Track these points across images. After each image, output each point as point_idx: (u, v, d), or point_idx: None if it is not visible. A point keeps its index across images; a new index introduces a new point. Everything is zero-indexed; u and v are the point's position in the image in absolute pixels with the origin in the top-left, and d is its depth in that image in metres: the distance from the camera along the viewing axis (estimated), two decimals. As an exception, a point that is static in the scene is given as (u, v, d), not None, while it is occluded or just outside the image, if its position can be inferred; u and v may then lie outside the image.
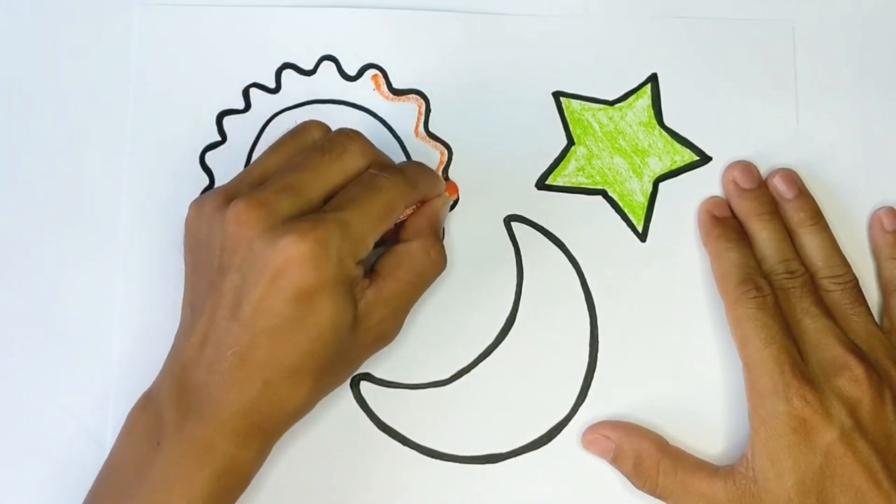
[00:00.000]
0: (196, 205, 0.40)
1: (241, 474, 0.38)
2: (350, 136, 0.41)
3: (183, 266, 0.41)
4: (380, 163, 0.41)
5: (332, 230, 0.37)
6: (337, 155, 0.40)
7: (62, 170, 0.46)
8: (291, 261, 0.36)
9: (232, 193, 0.39)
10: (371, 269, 0.41)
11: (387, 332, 0.41)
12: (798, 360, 0.41)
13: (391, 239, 0.42)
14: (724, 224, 0.44)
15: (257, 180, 0.40)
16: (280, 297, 0.37)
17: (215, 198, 0.39)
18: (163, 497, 0.37)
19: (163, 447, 0.37)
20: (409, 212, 0.42)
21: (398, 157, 0.46)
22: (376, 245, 0.40)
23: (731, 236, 0.44)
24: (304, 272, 0.36)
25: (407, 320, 0.42)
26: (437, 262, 0.42)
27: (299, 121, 0.45)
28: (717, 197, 0.45)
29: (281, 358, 0.37)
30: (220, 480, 0.37)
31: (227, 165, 0.45)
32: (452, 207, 0.45)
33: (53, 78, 0.46)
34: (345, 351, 0.39)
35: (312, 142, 0.42)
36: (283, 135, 0.42)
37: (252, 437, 0.38)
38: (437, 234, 0.42)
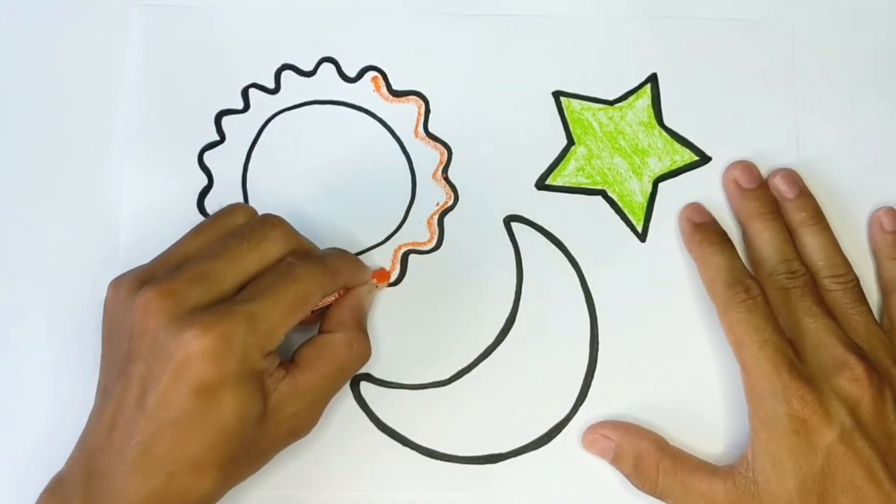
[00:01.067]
0: (113, 286, 0.40)
1: None
2: (272, 222, 0.40)
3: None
4: (301, 250, 0.40)
5: (238, 323, 0.36)
6: (256, 242, 0.39)
7: (61, 169, 0.46)
8: (193, 355, 0.36)
9: (146, 278, 0.38)
10: (290, 359, 0.40)
11: (300, 426, 0.40)
12: (795, 361, 0.41)
13: (314, 324, 0.42)
14: (705, 229, 0.44)
15: (174, 265, 0.39)
16: (182, 391, 0.36)
17: (130, 281, 0.39)
18: None
19: None
20: (331, 299, 0.42)
21: (398, 157, 0.46)
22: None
23: (714, 240, 0.44)
24: (205, 367, 0.36)
25: (407, 320, 0.42)
26: (361, 355, 0.41)
27: (299, 121, 0.46)
28: (695, 203, 0.45)
29: (184, 450, 0.37)
30: None
31: (226, 165, 0.45)
32: (451, 209, 0.45)
33: (53, 78, 0.46)
34: (253, 443, 0.38)
35: (234, 227, 0.41)
36: (207, 217, 0.41)
37: None
38: (360, 326, 0.42)
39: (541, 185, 0.45)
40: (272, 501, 0.43)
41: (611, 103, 0.46)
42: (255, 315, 0.37)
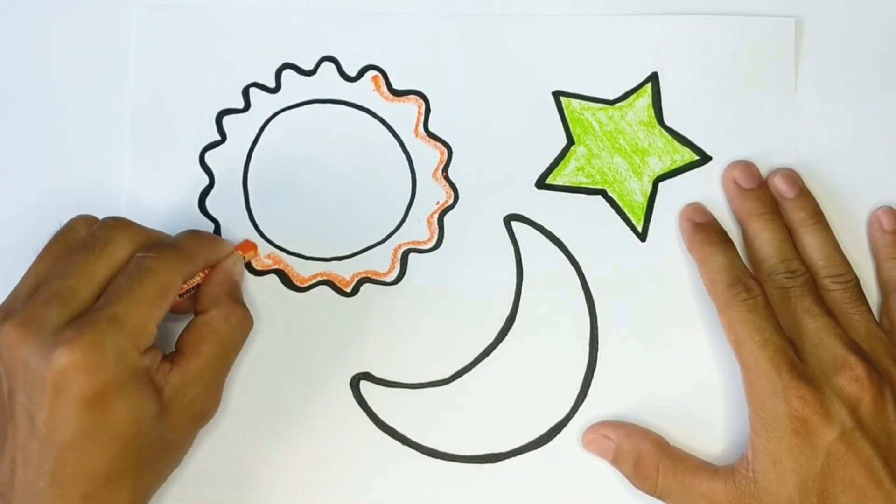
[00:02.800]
0: None
1: None
2: (114, 225, 0.40)
3: None
4: (150, 242, 0.40)
5: (103, 329, 0.36)
6: (101, 249, 0.39)
7: (62, 169, 0.46)
8: (66, 372, 0.35)
9: (6, 313, 0.38)
10: (174, 349, 0.40)
11: (204, 410, 0.40)
12: (795, 360, 0.41)
13: (191, 311, 0.41)
14: (706, 229, 0.44)
15: (28, 295, 0.39)
16: (69, 410, 0.36)
17: None
18: None
19: None
20: (197, 280, 0.41)
21: (398, 156, 0.46)
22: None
23: (715, 240, 0.44)
24: (82, 380, 0.36)
25: (407, 319, 0.42)
26: (241, 326, 0.41)
27: (299, 120, 0.46)
28: (696, 203, 0.45)
29: (92, 467, 0.36)
30: None
31: (227, 165, 0.45)
32: (451, 208, 0.45)
33: (53, 77, 0.46)
34: (159, 441, 0.38)
35: (77, 239, 0.40)
36: (51, 238, 0.41)
37: None
38: (233, 298, 0.41)
39: (541, 184, 0.45)
40: (271, 501, 0.43)
41: (611, 103, 0.46)
42: (118, 316, 0.37)
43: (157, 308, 0.38)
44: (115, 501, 0.37)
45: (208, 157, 0.46)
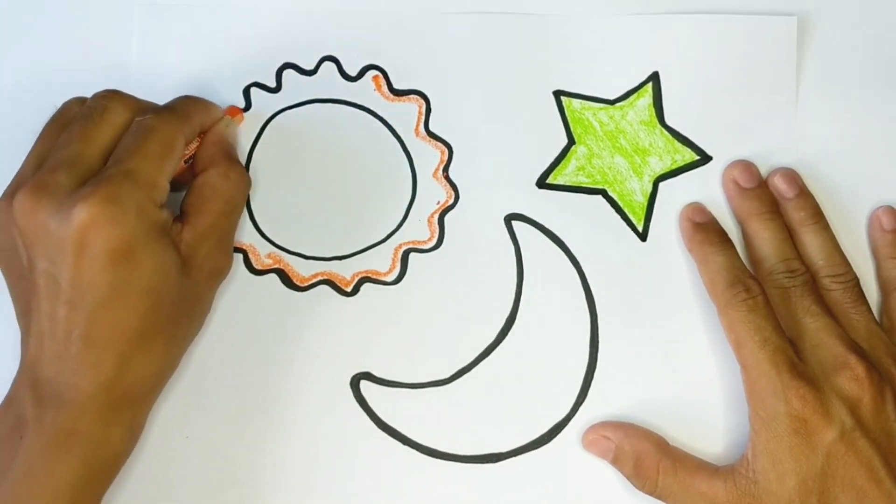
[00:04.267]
0: None
1: (110, 453, 0.38)
2: (107, 95, 0.41)
3: None
4: (146, 108, 0.41)
5: (119, 183, 0.37)
6: (99, 116, 0.39)
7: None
8: (89, 227, 0.36)
9: (13, 191, 0.39)
10: (180, 212, 0.40)
11: (219, 265, 0.41)
12: (795, 360, 0.41)
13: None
14: (706, 229, 0.44)
15: (34, 170, 0.39)
16: (95, 268, 0.36)
17: (2, 202, 0.39)
18: (25, 489, 0.36)
19: (25, 441, 0.36)
20: (194, 146, 0.42)
21: (399, 156, 0.46)
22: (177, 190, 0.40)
23: (715, 240, 0.44)
24: (106, 233, 0.36)
25: (407, 319, 0.42)
26: (238, 183, 0.42)
27: (300, 120, 0.46)
28: (696, 203, 0.45)
29: (124, 326, 0.37)
30: (88, 463, 0.37)
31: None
32: (451, 208, 0.45)
33: (54, 77, 0.46)
34: (184, 295, 0.39)
35: (74, 114, 0.41)
36: (45, 124, 0.42)
37: (118, 411, 0.37)
38: (229, 157, 0.42)
39: (541, 184, 0.45)
40: (271, 500, 0.43)
41: (611, 102, 0.46)
42: (131, 171, 0.37)
43: (167, 164, 0.39)
44: (149, 360, 0.38)
45: (209, 156, 0.46)
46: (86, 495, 0.37)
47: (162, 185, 0.39)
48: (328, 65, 0.46)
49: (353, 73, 0.46)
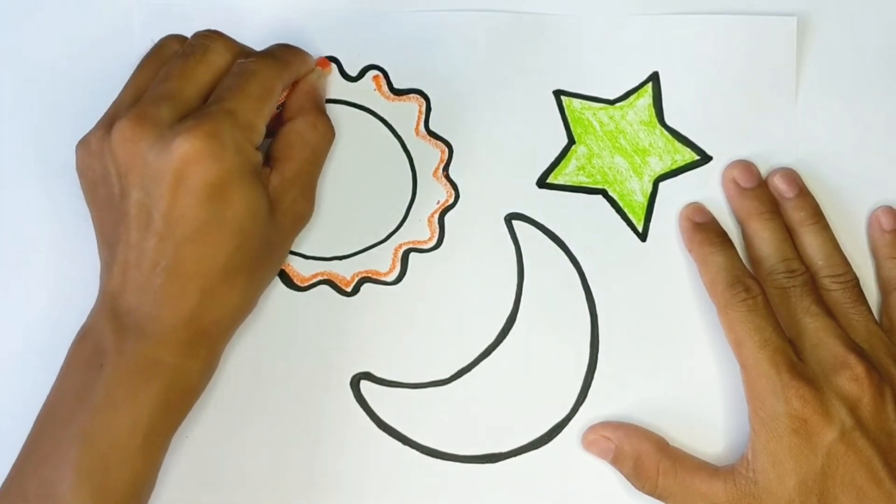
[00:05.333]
0: (81, 143, 0.40)
1: (188, 386, 0.38)
2: (209, 35, 0.41)
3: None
4: (246, 51, 0.41)
5: (221, 120, 0.37)
6: (201, 55, 0.40)
7: (63, 169, 0.45)
8: (189, 160, 0.36)
9: (111, 120, 0.39)
10: (266, 157, 0.41)
11: (302, 212, 0.42)
12: (795, 360, 0.41)
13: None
14: (706, 229, 0.44)
15: (131, 102, 0.40)
16: (190, 201, 0.36)
17: (96, 130, 0.39)
18: (108, 417, 0.36)
19: (105, 370, 0.37)
20: (284, 94, 0.43)
21: (399, 156, 0.46)
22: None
23: (714, 240, 0.44)
24: (205, 168, 0.36)
25: (407, 319, 0.42)
26: (325, 134, 0.42)
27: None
28: (696, 203, 0.45)
29: (210, 261, 0.37)
30: (167, 394, 0.37)
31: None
32: (452, 207, 0.45)
33: (55, 77, 0.46)
34: (268, 238, 0.39)
35: (174, 52, 0.41)
36: (143, 57, 0.42)
37: (197, 345, 0.38)
38: (318, 107, 0.42)
39: (542, 183, 0.45)
40: (271, 501, 0.43)
41: (611, 102, 0.46)
42: (232, 110, 0.38)
43: (265, 107, 0.40)
44: (229, 298, 0.38)
45: (208, 156, 0.45)
46: (162, 427, 0.38)
47: (259, 128, 0.39)
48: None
49: (353, 73, 0.46)
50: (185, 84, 0.39)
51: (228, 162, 0.37)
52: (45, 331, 0.44)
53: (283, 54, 0.42)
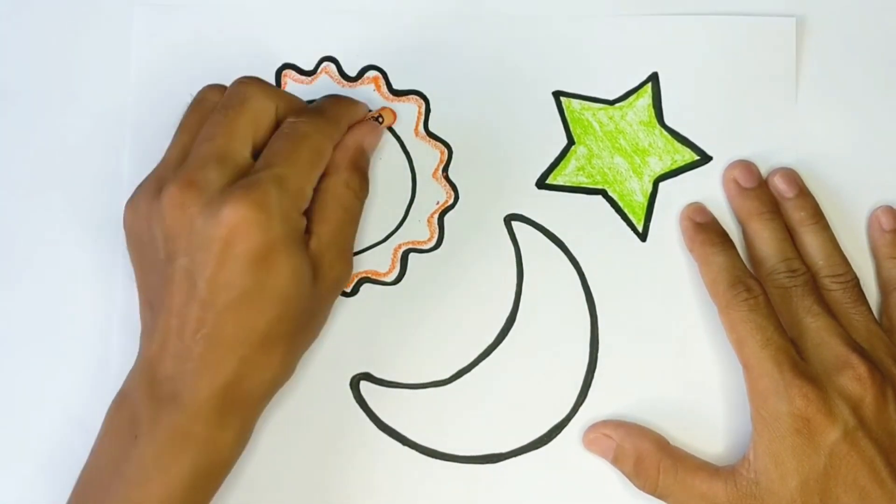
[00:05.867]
0: (130, 205, 0.40)
1: (221, 457, 0.38)
2: (246, 82, 0.41)
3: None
4: (290, 104, 0.41)
5: (269, 188, 0.37)
6: (240, 106, 0.39)
7: (62, 169, 0.46)
8: (236, 228, 0.36)
9: (159, 183, 0.39)
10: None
11: (340, 276, 0.41)
12: (797, 359, 0.41)
13: None
14: (707, 229, 0.44)
15: (178, 161, 0.39)
16: (235, 269, 0.36)
17: (145, 192, 0.39)
18: (141, 492, 0.36)
19: (139, 441, 0.37)
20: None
21: (398, 156, 0.46)
22: None
23: (716, 240, 0.44)
24: (251, 237, 0.36)
25: (407, 319, 0.42)
26: (358, 193, 0.41)
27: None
28: (697, 203, 0.45)
29: (251, 330, 0.37)
30: (201, 466, 0.37)
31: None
32: (451, 208, 0.45)
33: (53, 77, 0.46)
34: (309, 306, 0.39)
35: (214, 103, 0.41)
36: (185, 112, 0.42)
37: (232, 415, 0.38)
38: (355, 165, 0.41)
39: (541, 184, 0.45)
40: (271, 501, 0.43)
41: (611, 103, 0.46)
42: (281, 177, 0.37)
43: (314, 172, 0.39)
44: (267, 367, 0.38)
45: (208, 156, 0.45)
46: (196, 499, 0.37)
47: (307, 193, 0.39)
48: (327, 65, 0.46)
49: (352, 73, 0.46)
50: (228, 141, 0.38)
51: (275, 231, 0.37)
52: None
53: (334, 111, 0.41)
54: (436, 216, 0.45)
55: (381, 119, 0.44)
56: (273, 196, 0.37)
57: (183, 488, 0.36)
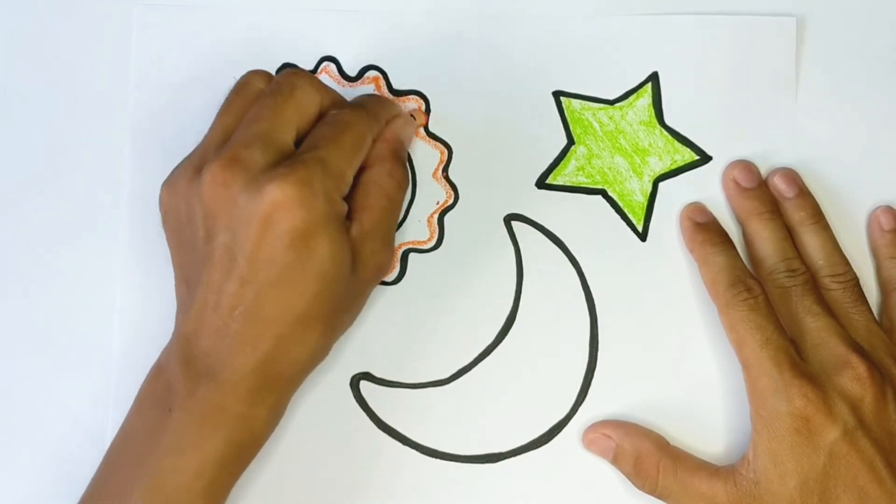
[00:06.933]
0: (167, 184, 0.40)
1: (255, 434, 0.38)
2: (295, 73, 0.41)
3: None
4: (334, 99, 0.42)
5: (313, 169, 0.37)
6: (289, 93, 0.40)
7: (62, 170, 0.46)
8: (280, 206, 0.36)
9: (200, 162, 0.39)
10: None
11: (383, 262, 0.41)
12: (797, 359, 0.41)
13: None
14: (707, 229, 0.44)
15: (220, 143, 0.40)
16: (276, 246, 0.36)
17: (184, 171, 0.39)
18: (174, 461, 0.37)
19: (174, 413, 0.37)
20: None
21: (398, 156, 0.46)
22: None
23: (716, 240, 0.44)
24: (294, 215, 0.36)
25: (407, 319, 0.42)
26: (401, 182, 0.42)
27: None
28: (697, 202, 0.45)
29: (290, 308, 0.37)
30: (234, 441, 0.37)
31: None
32: (451, 208, 0.45)
33: (53, 77, 0.46)
34: (348, 288, 0.39)
35: (259, 91, 0.41)
36: (228, 94, 0.42)
37: (266, 393, 0.38)
38: (396, 156, 0.42)
39: (541, 184, 0.45)
40: (271, 501, 0.43)
41: (611, 103, 0.46)
42: (325, 159, 0.38)
43: (355, 159, 0.40)
44: (304, 346, 0.38)
45: (208, 156, 0.45)
46: (227, 473, 0.38)
47: (348, 178, 0.39)
48: (327, 65, 0.46)
49: (352, 73, 0.46)
50: (275, 125, 0.39)
51: (318, 210, 0.37)
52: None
53: (373, 106, 0.42)
54: (436, 216, 0.45)
55: (413, 117, 0.45)
56: (317, 176, 0.37)
57: (215, 462, 0.37)
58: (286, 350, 0.38)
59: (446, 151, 0.46)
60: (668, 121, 0.46)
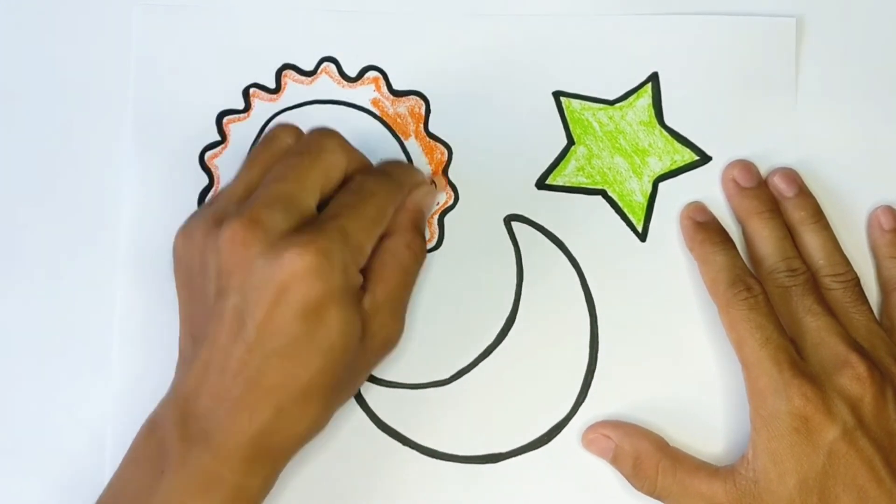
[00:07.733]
0: (184, 232, 0.39)
1: (246, 503, 0.37)
2: (325, 133, 0.41)
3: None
4: (361, 163, 0.41)
5: (334, 239, 0.36)
6: (316, 155, 0.39)
7: (62, 170, 0.46)
8: (296, 276, 0.35)
9: (220, 215, 0.38)
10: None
11: (391, 336, 0.41)
12: (796, 358, 0.41)
13: None
14: (707, 228, 0.44)
15: (242, 196, 0.39)
16: (287, 315, 0.36)
17: (203, 222, 0.38)
18: None
19: (166, 476, 0.36)
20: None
21: (399, 157, 0.45)
22: None
23: (716, 239, 0.44)
24: (310, 286, 0.35)
25: (407, 319, 0.42)
26: (418, 255, 0.41)
27: (300, 121, 0.45)
28: (697, 202, 0.45)
29: (293, 379, 0.36)
30: None
31: (227, 165, 0.45)
32: (452, 208, 0.45)
33: (53, 77, 0.46)
34: (353, 362, 0.38)
35: (287, 147, 0.41)
36: (255, 146, 0.41)
37: (260, 464, 0.37)
38: (415, 227, 0.42)
39: (541, 184, 0.45)
40: (271, 501, 0.43)
41: (611, 103, 0.46)
42: (346, 229, 0.37)
43: (376, 230, 0.39)
44: (302, 419, 0.37)
45: (208, 157, 0.46)
46: None
47: (367, 250, 0.39)
48: (327, 65, 0.46)
49: (352, 73, 0.46)
50: (299, 187, 0.38)
51: (334, 283, 0.36)
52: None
53: (399, 175, 0.42)
54: (436, 217, 0.45)
55: (435, 185, 0.44)
56: (336, 248, 0.36)
57: None
58: (284, 421, 0.37)
59: (446, 152, 0.46)
60: (667, 121, 0.46)
